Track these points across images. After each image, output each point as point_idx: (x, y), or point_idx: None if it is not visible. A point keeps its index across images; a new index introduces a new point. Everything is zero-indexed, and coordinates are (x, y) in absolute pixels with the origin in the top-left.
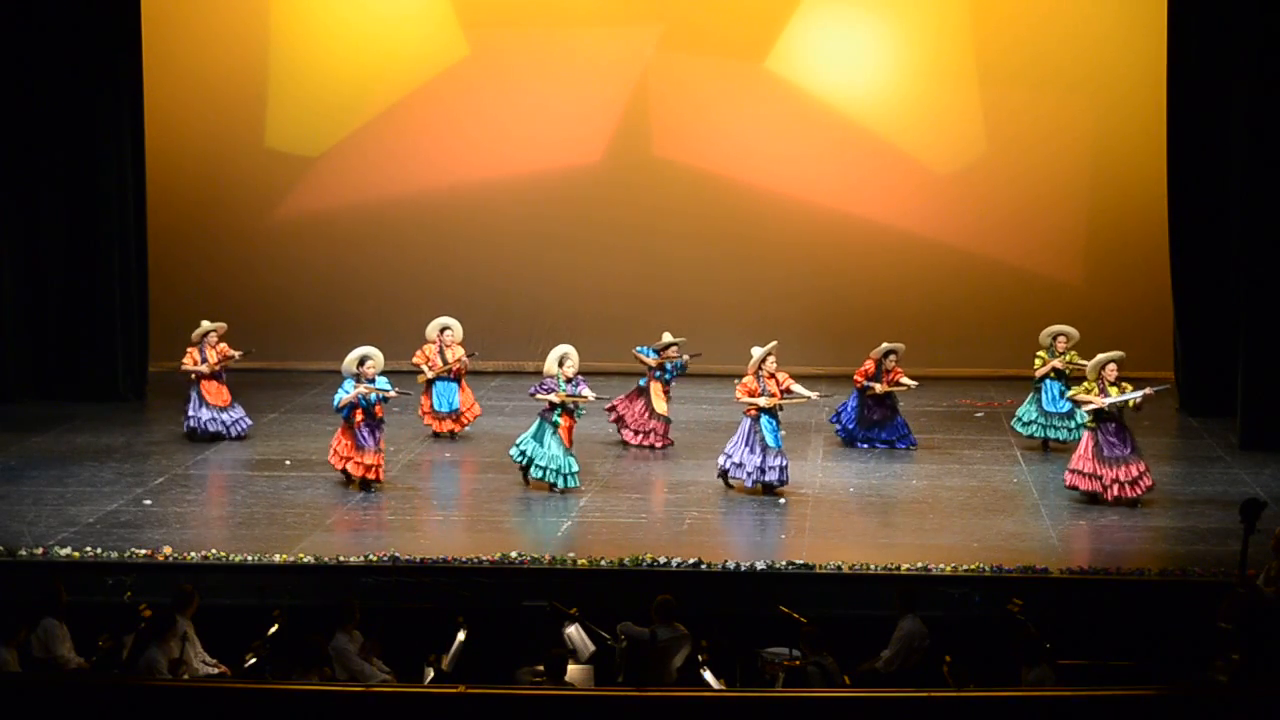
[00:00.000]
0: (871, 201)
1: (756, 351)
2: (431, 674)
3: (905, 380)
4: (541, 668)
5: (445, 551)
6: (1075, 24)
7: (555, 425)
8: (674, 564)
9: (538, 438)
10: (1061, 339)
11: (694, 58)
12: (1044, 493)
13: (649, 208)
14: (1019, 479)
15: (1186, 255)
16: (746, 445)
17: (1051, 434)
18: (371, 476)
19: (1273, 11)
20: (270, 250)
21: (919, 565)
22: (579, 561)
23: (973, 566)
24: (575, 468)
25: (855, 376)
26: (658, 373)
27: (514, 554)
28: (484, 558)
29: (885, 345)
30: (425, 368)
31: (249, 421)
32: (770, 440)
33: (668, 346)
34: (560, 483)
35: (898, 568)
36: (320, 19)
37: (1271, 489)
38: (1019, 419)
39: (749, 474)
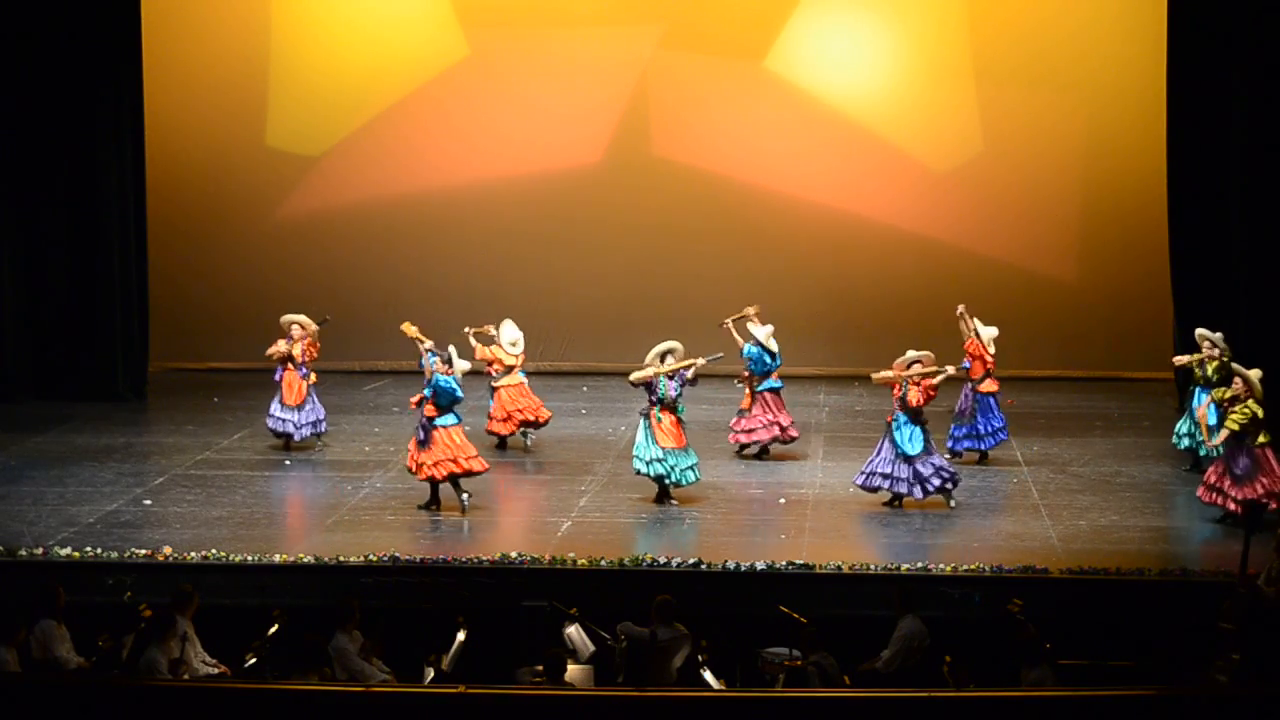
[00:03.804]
0: (869, 199)
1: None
2: (431, 674)
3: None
4: (541, 668)
5: (445, 551)
6: (1071, 22)
7: (649, 422)
8: (674, 564)
9: (642, 437)
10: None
11: (693, 57)
12: (1044, 493)
13: (649, 208)
14: (1019, 479)
15: (1186, 254)
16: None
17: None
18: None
19: (1273, 11)
20: (271, 250)
21: (919, 565)
22: (579, 561)
23: (973, 566)
24: (690, 461)
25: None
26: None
27: (514, 554)
28: (484, 558)
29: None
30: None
31: (321, 428)
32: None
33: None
34: (674, 478)
35: (898, 568)
36: (320, 19)
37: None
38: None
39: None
